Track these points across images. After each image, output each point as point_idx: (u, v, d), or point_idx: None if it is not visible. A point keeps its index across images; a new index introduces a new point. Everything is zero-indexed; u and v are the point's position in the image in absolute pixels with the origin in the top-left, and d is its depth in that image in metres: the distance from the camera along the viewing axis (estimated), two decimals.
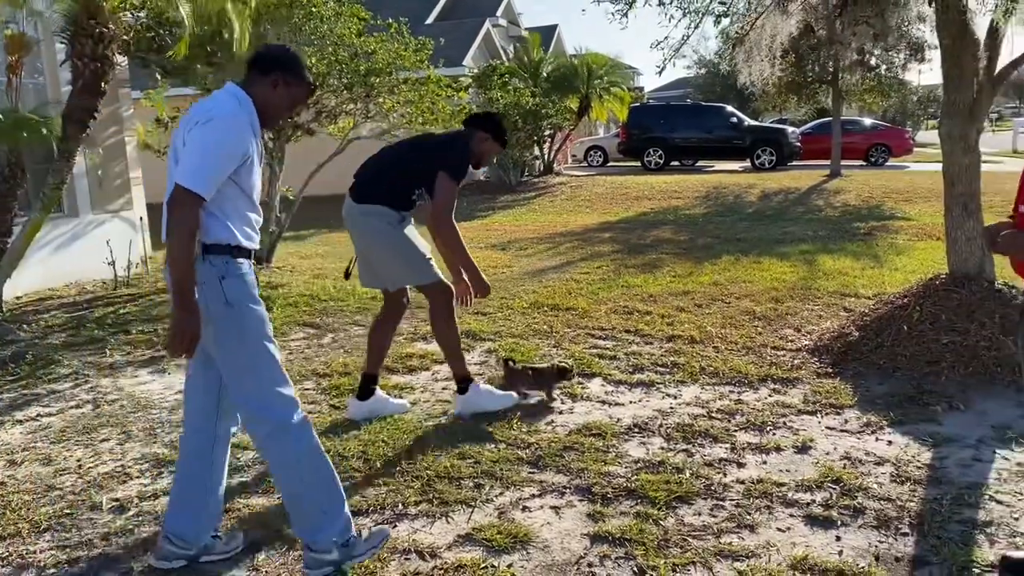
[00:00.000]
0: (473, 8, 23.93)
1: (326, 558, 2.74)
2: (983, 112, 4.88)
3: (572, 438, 3.98)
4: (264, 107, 2.73)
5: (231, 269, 2.65)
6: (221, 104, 2.68)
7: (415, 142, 4.41)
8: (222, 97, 2.72)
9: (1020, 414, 4.07)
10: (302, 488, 2.76)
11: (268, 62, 2.75)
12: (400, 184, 4.12)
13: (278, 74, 2.72)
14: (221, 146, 2.59)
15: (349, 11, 8.63)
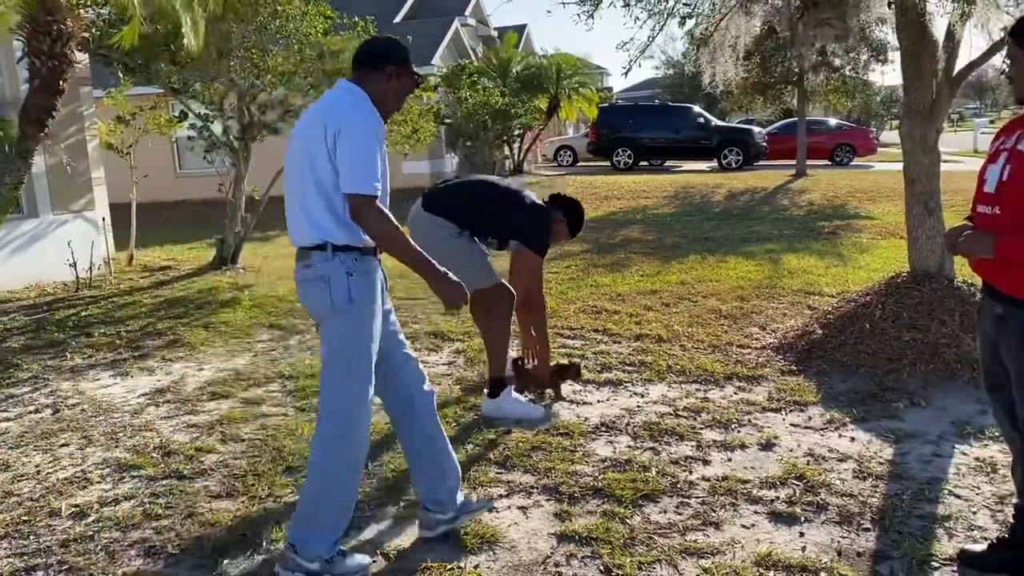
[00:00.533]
0: (442, 7, 23.87)
1: (307, 567, 2.74)
2: (942, 113, 4.96)
3: (540, 438, 3.98)
4: (380, 101, 2.75)
5: (359, 267, 2.72)
6: (356, 106, 2.70)
7: (511, 198, 4.36)
8: (350, 98, 2.75)
9: (979, 410, 4.15)
10: (326, 498, 2.78)
11: (382, 57, 2.78)
12: (478, 226, 4.27)
13: (392, 67, 2.76)
14: (371, 145, 2.64)
15: (315, 10, 8.56)
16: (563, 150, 26.34)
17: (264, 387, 4.87)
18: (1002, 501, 3.22)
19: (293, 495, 3.43)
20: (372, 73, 2.76)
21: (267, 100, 8.69)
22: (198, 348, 5.78)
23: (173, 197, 18.10)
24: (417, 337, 5.88)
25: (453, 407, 4.43)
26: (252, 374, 5.11)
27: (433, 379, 4.91)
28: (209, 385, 4.94)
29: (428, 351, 5.55)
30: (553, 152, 26.53)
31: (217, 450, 3.95)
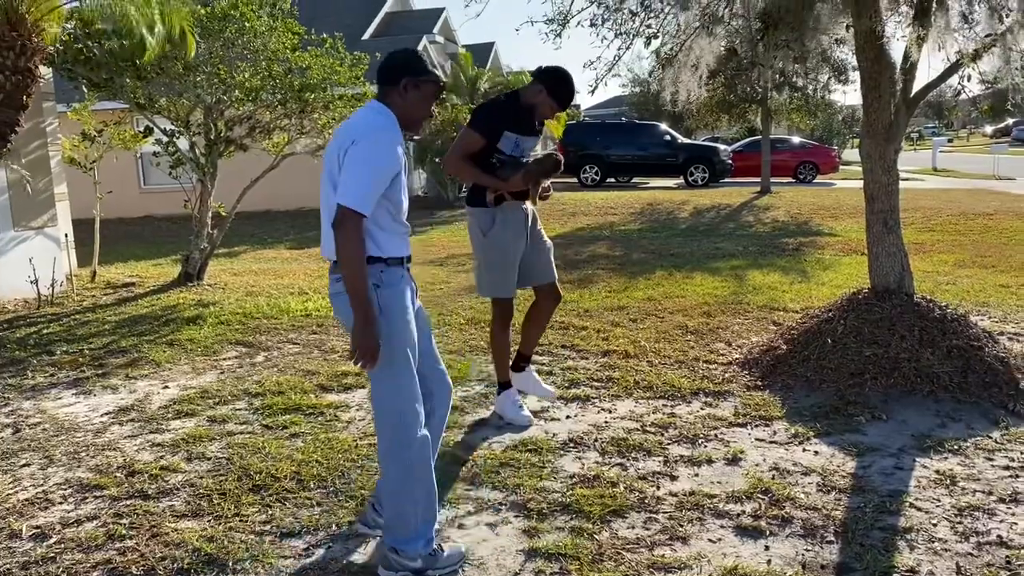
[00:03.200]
0: (410, 25, 23.92)
1: (410, 565, 2.88)
2: (900, 132, 5.08)
3: (508, 454, 3.99)
4: (404, 115, 2.83)
5: (385, 279, 2.81)
6: (369, 122, 2.79)
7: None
8: (368, 115, 2.85)
9: (938, 423, 4.24)
10: (408, 502, 2.90)
11: (394, 71, 2.84)
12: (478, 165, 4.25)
13: (407, 78, 2.81)
14: (375, 163, 2.73)
15: (283, 26, 8.54)
16: None
17: (230, 405, 4.83)
18: (961, 513, 3.29)
19: (260, 514, 3.41)
20: (390, 88, 2.84)
21: (234, 116, 8.64)
22: (163, 366, 5.71)
23: (137, 213, 17.89)
24: None
25: None
26: (218, 392, 5.06)
27: None
28: (174, 403, 4.88)
29: None
30: None
31: (182, 469, 3.90)
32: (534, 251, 4.40)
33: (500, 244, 4.26)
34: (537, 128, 4.29)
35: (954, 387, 4.47)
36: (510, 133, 4.15)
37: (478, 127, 4.12)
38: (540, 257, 4.43)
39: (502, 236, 4.26)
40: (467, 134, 4.14)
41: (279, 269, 10.41)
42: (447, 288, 8.64)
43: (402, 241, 2.91)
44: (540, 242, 4.45)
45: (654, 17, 5.23)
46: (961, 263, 9.41)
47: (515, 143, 4.18)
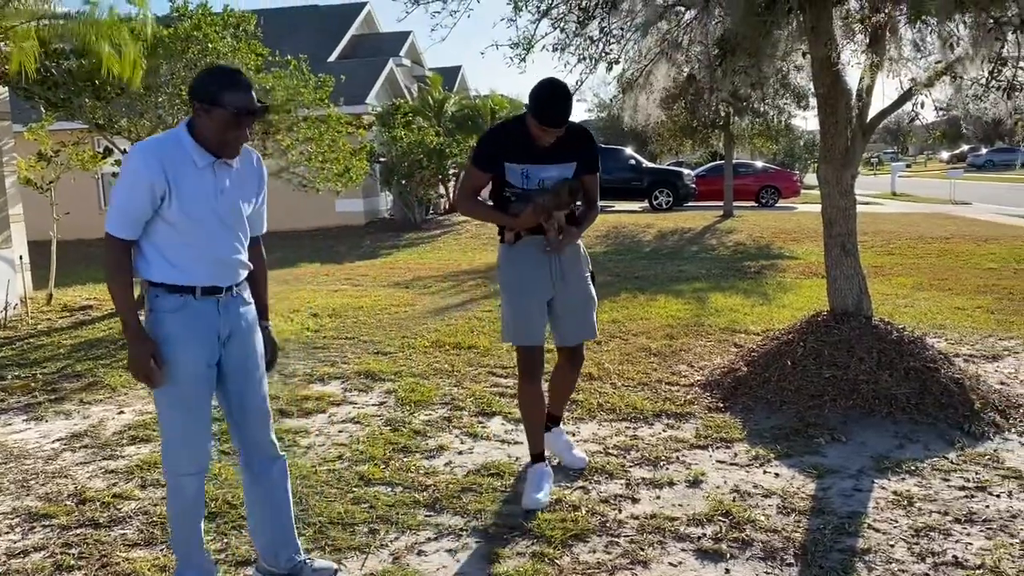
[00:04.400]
0: (377, 47, 24.00)
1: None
2: (857, 157, 5.17)
3: (470, 479, 3.96)
4: (200, 137, 2.66)
5: (157, 304, 2.68)
6: (138, 147, 2.68)
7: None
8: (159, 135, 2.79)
9: (896, 444, 4.28)
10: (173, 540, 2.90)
11: (191, 92, 2.70)
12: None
13: (196, 103, 2.66)
14: (121, 184, 2.63)
15: (247, 47, 8.51)
16: None
17: None
18: (918, 534, 3.31)
19: (215, 542, 3.34)
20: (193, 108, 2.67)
21: None
22: (118, 390, 5.60)
23: (98, 234, 17.48)
24: (347, 377, 5.80)
25: (383, 448, 4.36)
26: None
27: (363, 419, 4.87)
28: (129, 428, 4.78)
29: (359, 391, 5.48)
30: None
31: (136, 496, 3.81)
32: (564, 299, 3.73)
33: (510, 282, 3.73)
34: (557, 154, 3.57)
35: (911, 408, 4.53)
36: (513, 164, 3.58)
37: (475, 160, 3.65)
38: (568, 309, 3.75)
39: (511, 273, 3.72)
40: (468, 170, 3.73)
41: None
42: (411, 311, 8.59)
43: (194, 268, 2.68)
44: (575, 290, 3.75)
45: (615, 43, 5.29)
46: (919, 286, 9.58)
47: (522, 174, 3.58)
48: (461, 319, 7.97)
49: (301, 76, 8.92)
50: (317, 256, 14.85)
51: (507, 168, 3.59)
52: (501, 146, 3.60)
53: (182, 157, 2.62)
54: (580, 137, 3.65)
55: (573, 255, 3.76)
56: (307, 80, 8.89)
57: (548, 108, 3.41)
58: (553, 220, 3.56)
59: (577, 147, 3.62)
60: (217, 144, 2.66)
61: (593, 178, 3.74)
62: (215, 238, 2.72)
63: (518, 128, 3.55)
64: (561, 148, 3.55)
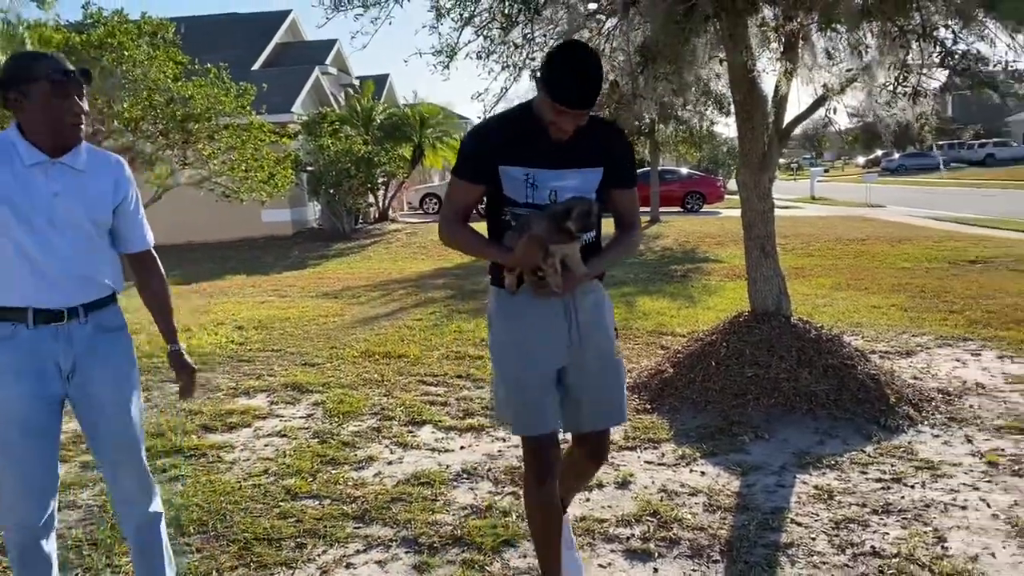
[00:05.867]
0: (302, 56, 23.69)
1: None
2: (774, 162, 5.32)
3: (400, 489, 3.92)
4: (30, 131, 2.33)
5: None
6: None
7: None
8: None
9: (817, 440, 4.40)
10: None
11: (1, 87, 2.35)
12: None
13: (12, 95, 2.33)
14: None
15: (165, 55, 8.30)
16: (429, 197, 26.51)
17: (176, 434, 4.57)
18: (838, 526, 3.41)
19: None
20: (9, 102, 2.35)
21: (113, 147, 8.31)
22: None
23: None
24: (273, 390, 5.69)
25: (311, 460, 4.29)
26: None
27: (290, 432, 4.78)
28: None
29: (285, 404, 5.38)
30: (419, 200, 26.65)
31: None
32: (583, 368, 2.64)
33: (506, 348, 2.65)
34: (577, 154, 2.51)
35: (830, 404, 4.67)
36: (513, 167, 2.51)
37: (459, 168, 2.61)
38: (589, 383, 2.66)
39: (508, 334, 2.64)
40: (451, 183, 2.65)
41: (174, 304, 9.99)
42: (340, 321, 8.48)
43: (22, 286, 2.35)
44: (598, 356, 2.66)
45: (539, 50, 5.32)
46: (837, 286, 9.89)
47: (527, 180, 2.51)
48: (391, 328, 7.91)
49: (222, 84, 8.74)
50: (243, 267, 14.53)
51: (505, 174, 2.51)
52: (494, 143, 2.52)
53: (6, 157, 2.31)
54: (611, 135, 2.62)
55: (596, 304, 2.68)
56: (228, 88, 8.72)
57: (570, 80, 2.34)
58: (552, 259, 2.44)
59: (606, 148, 2.56)
60: (50, 127, 2.31)
61: (627, 194, 2.67)
62: (49, 249, 2.34)
63: (521, 118, 2.52)
64: (583, 147, 2.50)
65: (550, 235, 2.42)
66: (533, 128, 2.47)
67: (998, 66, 4.71)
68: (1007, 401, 4.95)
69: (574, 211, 2.40)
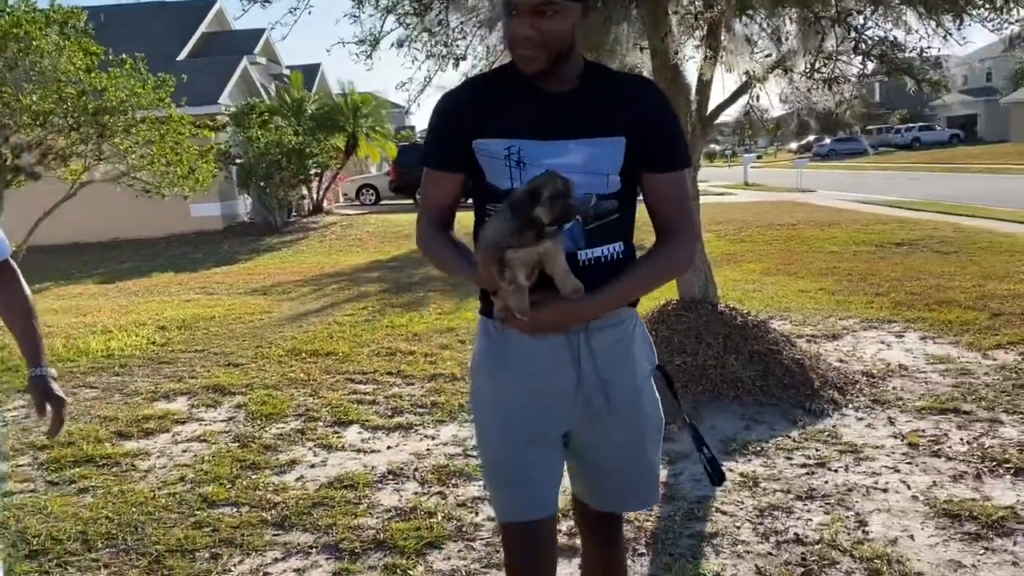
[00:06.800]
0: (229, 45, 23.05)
1: None
2: (698, 150, 5.32)
3: (322, 492, 3.80)
4: None
5: None
6: None
7: None
8: None
9: (743, 426, 4.42)
10: None
11: None
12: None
13: None
14: None
15: (76, 45, 7.95)
16: (365, 188, 26.19)
17: (11, 461, 4.35)
18: (762, 514, 3.41)
19: None
20: None
21: (22, 142, 7.94)
22: None
23: None
24: (194, 392, 5.50)
25: (230, 466, 4.14)
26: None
27: (210, 436, 4.61)
28: None
29: (206, 407, 5.20)
30: (355, 191, 26.30)
31: None
32: (600, 433, 1.95)
33: (487, 404, 1.97)
34: (582, 116, 1.79)
35: (756, 390, 4.69)
36: (490, 140, 1.82)
37: (425, 153, 1.96)
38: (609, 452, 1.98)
39: (484, 381, 1.97)
40: (423, 177, 1.99)
41: (83, 306, 9.63)
42: (267, 318, 8.27)
43: None
44: (623, 419, 1.94)
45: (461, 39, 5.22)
46: (767, 271, 10.03)
47: (509, 156, 1.80)
48: (320, 325, 7.73)
49: (139, 75, 8.41)
50: (171, 264, 14.12)
51: (482, 152, 1.83)
52: (464, 110, 1.86)
53: None
54: (640, 92, 1.86)
55: (619, 342, 1.91)
56: (145, 80, 8.39)
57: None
58: (511, 270, 1.68)
59: (630, 109, 1.81)
60: None
61: (666, 182, 1.86)
62: None
63: (501, 76, 1.88)
64: (593, 107, 1.80)
65: (509, 234, 1.64)
66: (517, 87, 1.80)
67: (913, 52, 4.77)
68: (928, 382, 5.05)
69: (542, 192, 1.61)
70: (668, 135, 1.86)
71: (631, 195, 1.87)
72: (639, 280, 1.87)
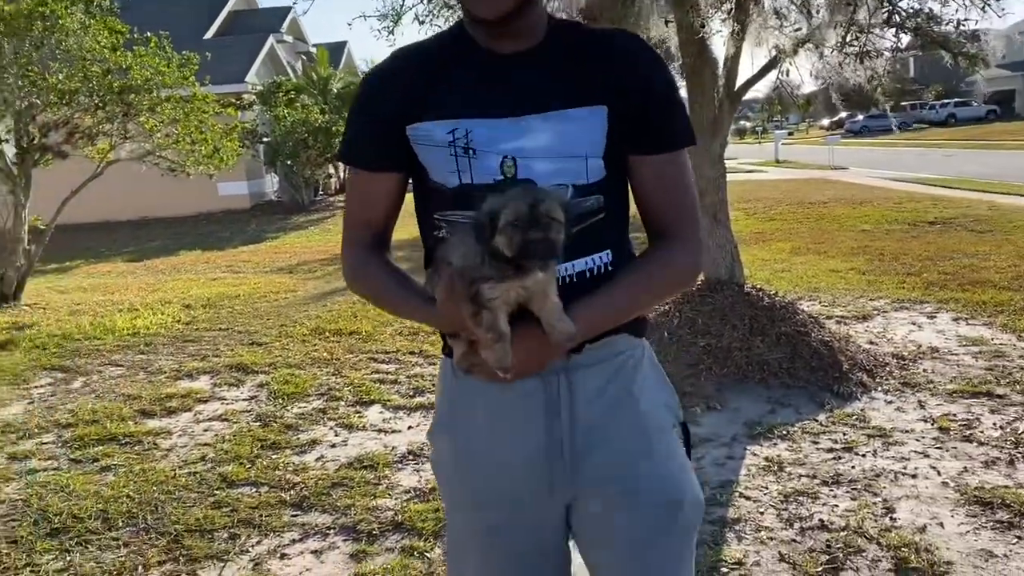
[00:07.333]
0: (256, 23, 23.06)
1: None
2: (725, 127, 5.20)
3: (342, 473, 3.79)
4: None
5: None
6: None
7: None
8: None
9: (768, 409, 4.33)
10: None
11: None
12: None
13: None
14: None
15: (100, 24, 7.95)
16: None
17: (36, 439, 4.39)
18: (787, 499, 3.34)
19: (56, 561, 3.08)
20: None
21: (49, 121, 7.98)
22: None
23: None
24: (217, 371, 5.51)
25: (250, 445, 4.14)
26: (24, 425, 4.59)
27: (231, 415, 4.62)
28: None
29: (229, 386, 5.21)
30: None
31: None
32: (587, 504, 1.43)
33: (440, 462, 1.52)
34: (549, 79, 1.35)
35: (783, 373, 4.60)
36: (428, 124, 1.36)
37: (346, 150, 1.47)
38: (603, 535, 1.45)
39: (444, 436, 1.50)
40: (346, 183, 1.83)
41: (111, 284, 9.72)
42: (292, 297, 8.28)
43: None
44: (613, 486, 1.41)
45: None
46: (797, 250, 9.86)
47: (454, 143, 1.34)
48: (344, 304, 7.72)
49: (163, 54, 8.40)
50: (199, 243, 14.22)
51: (421, 140, 1.38)
52: (395, 88, 1.40)
53: None
54: (624, 49, 1.41)
55: (621, 389, 1.43)
56: (169, 58, 8.38)
57: None
58: (491, 311, 1.22)
59: (612, 71, 1.37)
60: None
61: (660, 166, 1.41)
62: None
63: (442, 43, 1.44)
64: (564, 69, 1.37)
65: (481, 263, 1.20)
66: (460, 51, 1.38)
67: (949, 24, 4.61)
68: (960, 364, 4.92)
69: (500, 215, 1.16)
70: (663, 100, 1.38)
71: (620, 186, 1.42)
72: (625, 294, 1.35)
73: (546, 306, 1.25)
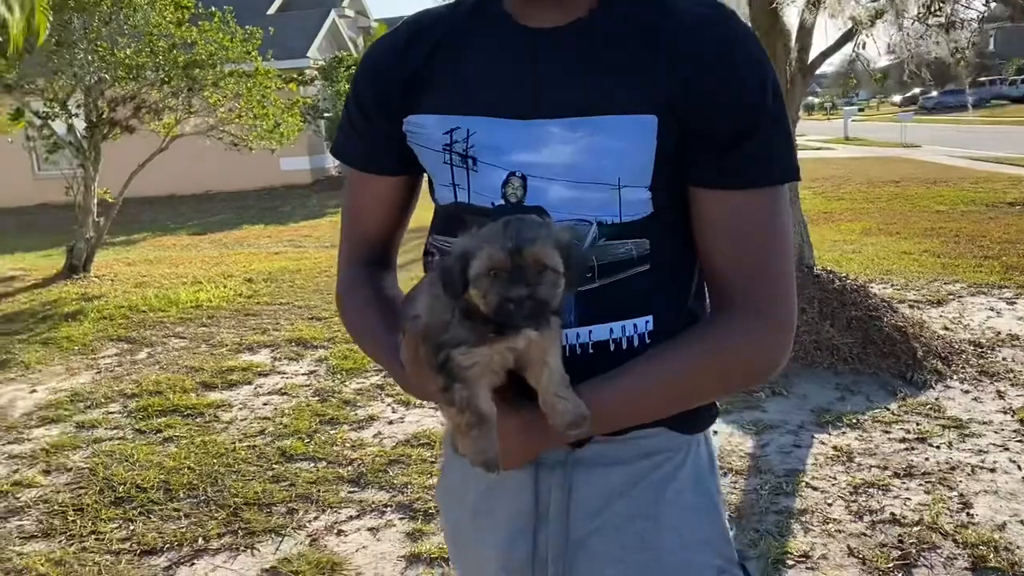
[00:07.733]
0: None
1: None
2: (797, 101, 5.00)
3: (399, 450, 3.78)
4: None
5: None
6: None
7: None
8: None
9: (838, 396, 4.18)
10: None
11: None
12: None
13: None
14: None
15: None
16: None
17: (103, 408, 4.48)
18: (856, 491, 3.21)
19: (120, 530, 3.13)
20: None
21: (117, 96, 8.12)
22: (32, 367, 5.29)
23: (34, 201, 16.92)
24: (277, 345, 5.56)
25: (309, 420, 4.16)
26: (91, 394, 4.70)
27: (291, 389, 4.65)
28: (39, 409, 4.51)
29: (288, 360, 5.25)
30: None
31: (38, 483, 3.57)
32: None
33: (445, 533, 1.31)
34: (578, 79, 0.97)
35: (853, 359, 4.44)
36: (424, 116, 1.04)
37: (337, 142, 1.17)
38: None
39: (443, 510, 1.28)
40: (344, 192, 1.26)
41: (176, 257, 9.92)
42: None
43: None
44: None
45: None
46: (867, 231, 9.53)
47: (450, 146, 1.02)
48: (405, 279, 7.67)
49: (227, 29, 8.47)
50: (261, 217, 14.42)
51: (415, 135, 1.07)
52: (398, 66, 1.08)
53: None
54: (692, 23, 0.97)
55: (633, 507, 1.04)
56: (233, 33, 8.44)
57: None
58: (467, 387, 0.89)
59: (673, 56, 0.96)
60: None
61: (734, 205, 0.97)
62: None
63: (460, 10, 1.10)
64: (603, 53, 0.98)
65: (444, 325, 0.90)
66: (481, 20, 1.06)
67: None
68: None
69: (472, 260, 0.85)
70: (757, 115, 0.96)
71: (677, 229, 1.01)
72: (658, 381, 0.99)
73: (544, 377, 0.91)
